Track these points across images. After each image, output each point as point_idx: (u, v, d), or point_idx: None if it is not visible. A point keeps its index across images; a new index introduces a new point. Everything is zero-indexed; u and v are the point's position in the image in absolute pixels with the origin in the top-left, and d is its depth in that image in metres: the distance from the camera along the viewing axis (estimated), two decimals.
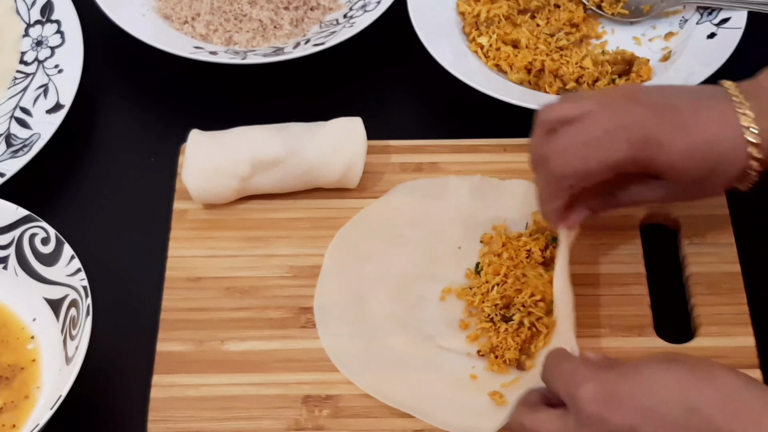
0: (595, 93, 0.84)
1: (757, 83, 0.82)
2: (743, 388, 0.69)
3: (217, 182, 0.93)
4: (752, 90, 0.82)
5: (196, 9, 1.09)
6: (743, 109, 0.81)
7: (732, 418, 0.68)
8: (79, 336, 0.82)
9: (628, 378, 0.71)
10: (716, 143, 0.81)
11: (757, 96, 0.81)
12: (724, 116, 0.81)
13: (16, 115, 1.01)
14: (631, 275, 0.90)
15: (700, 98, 0.83)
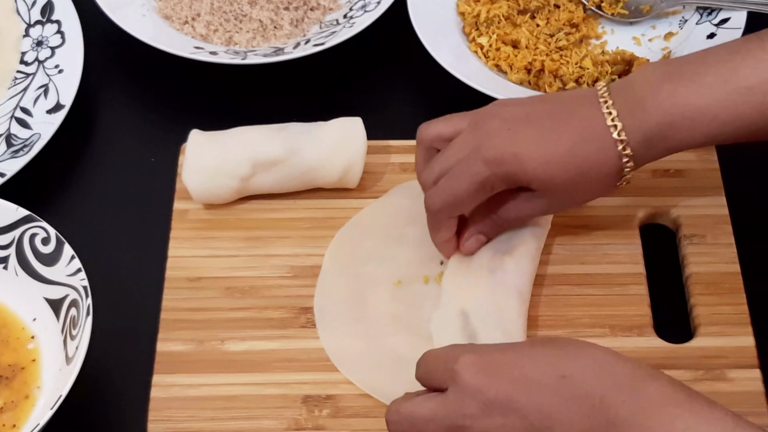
0: (471, 111, 0.86)
1: (627, 81, 0.84)
2: (615, 360, 0.71)
3: (217, 182, 0.93)
4: (621, 88, 0.83)
5: (196, 9, 1.09)
6: (608, 108, 0.82)
7: (604, 385, 0.69)
8: (79, 336, 0.82)
9: (505, 351, 0.73)
10: (578, 146, 0.82)
11: (625, 93, 0.82)
12: (589, 118, 0.82)
13: (17, 115, 1.01)
14: (630, 275, 0.90)
15: (564, 104, 0.85)
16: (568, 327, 0.87)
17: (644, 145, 0.82)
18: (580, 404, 0.69)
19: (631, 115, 0.81)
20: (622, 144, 0.81)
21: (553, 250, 0.92)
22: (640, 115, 0.81)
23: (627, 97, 0.82)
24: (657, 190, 0.94)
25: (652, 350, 0.86)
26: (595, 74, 1.03)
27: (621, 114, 0.82)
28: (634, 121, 0.81)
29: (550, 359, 0.71)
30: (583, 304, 0.89)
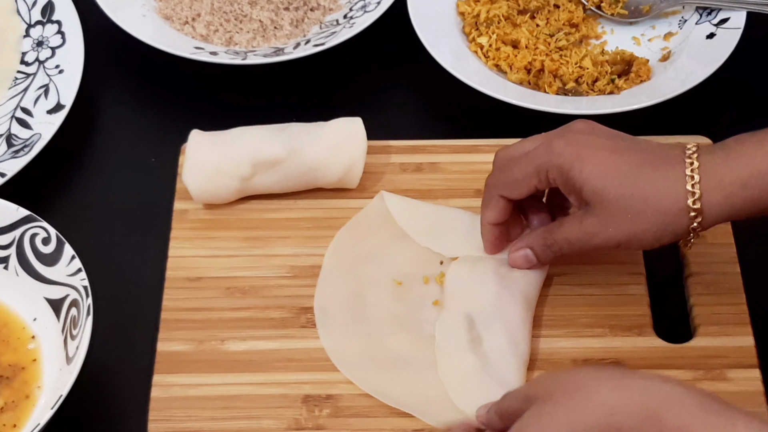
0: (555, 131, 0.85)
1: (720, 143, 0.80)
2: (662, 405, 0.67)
3: (217, 182, 0.93)
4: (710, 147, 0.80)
5: (196, 9, 1.09)
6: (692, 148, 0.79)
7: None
8: (79, 336, 0.82)
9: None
10: (648, 166, 0.79)
11: (713, 147, 0.80)
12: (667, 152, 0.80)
13: (17, 115, 1.01)
14: (630, 275, 0.90)
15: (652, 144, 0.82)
16: (568, 327, 0.87)
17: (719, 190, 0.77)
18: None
19: (710, 157, 0.78)
20: (692, 180, 0.78)
21: None
22: (721, 158, 0.78)
23: (712, 147, 0.80)
24: None
25: (651, 350, 0.86)
26: (594, 74, 1.03)
27: (701, 155, 0.78)
28: (712, 161, 0.78)
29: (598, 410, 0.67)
30: (583, 304, 0.89)
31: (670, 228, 0.79)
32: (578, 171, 0.80)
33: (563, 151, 0.81)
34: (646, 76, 1.04)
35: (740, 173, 0.77)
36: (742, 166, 0.77)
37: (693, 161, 0.78)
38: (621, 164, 0.80)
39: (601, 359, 0.85)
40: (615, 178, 0.79)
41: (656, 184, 0.78)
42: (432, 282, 0.90)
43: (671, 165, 0.79)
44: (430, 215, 0.93)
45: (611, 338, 0.87)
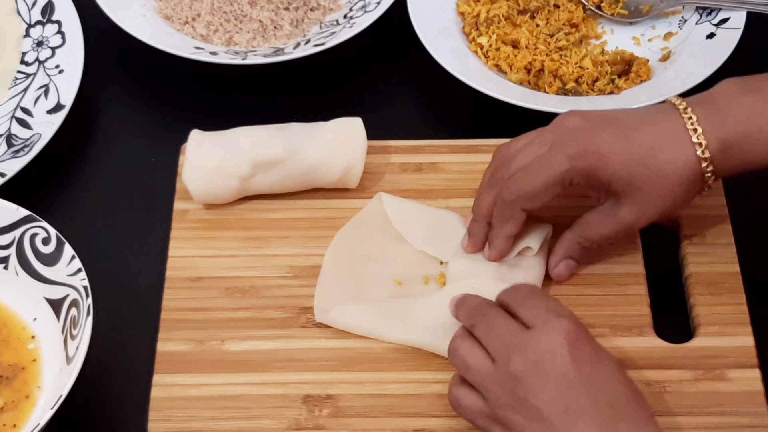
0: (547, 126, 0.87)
1: (706, 93, 0.85)
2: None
3: (217, 182, 0.93)
4: (700, 98, 0.84)
5: (196, 9, 1.09)
6: (688, 114, 0.83)
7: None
8: (79, 336, 0.82)
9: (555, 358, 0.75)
10: (659, 147, 0.82)
11: (704, 102, 0.83)
12: (669, 122, 0.83)
13: (17, 115, 1.01)
14: (630, 275, 0.90)
15: (643, 111, 0.85)
16: None
17: (722, 153, 0.82)
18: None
19: (710, 122, 0.82)
20: (701, 147, 0.82)
21: None
22: (719, 123, 0.82)
23: (706, 106, 0.83)
24: None
25: (651, 350, 0.86)
26: (594, 74, 1.03)
27: (700, 120, 0.82)
28: (713, 127, 0.82)
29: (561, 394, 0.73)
30: (583, 304, 0.88)
31: (693, 190, 0.84)
32: (603, 169, 0.83)
33: (583, 154, 0.83)
34: (646, 76, 1.04)
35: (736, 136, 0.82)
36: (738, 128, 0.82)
37: (690, 116, 0.82)
38: (639, 148, 0.82)
39: None
40: (638, 165, 0.82)
41: (675, 157, 0.82)
42: (432, 282, 0.90)
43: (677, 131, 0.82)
44: (428, 218, 0.93)
45: (611, 338, 0.87)
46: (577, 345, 0.75)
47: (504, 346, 0.76)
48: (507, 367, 0.75)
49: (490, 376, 0.76)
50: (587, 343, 0.76)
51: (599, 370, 0.75)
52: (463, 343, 0.79)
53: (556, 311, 0.77)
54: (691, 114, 0.83)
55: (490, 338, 0.77)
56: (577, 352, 0.74)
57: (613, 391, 0.74)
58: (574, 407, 0.73)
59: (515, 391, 0.74)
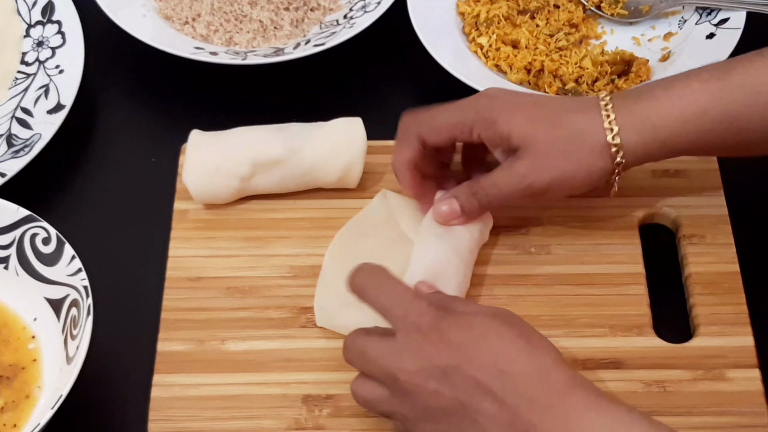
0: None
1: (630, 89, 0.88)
2: (554, 366, 0.74)
3: (217, 182, 0.93)
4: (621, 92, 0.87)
5: (196, 10, 1.09)
6: (603, 96, 0.85)
7: (537, 389, 0.72)
8: (80, 336, 0.82)
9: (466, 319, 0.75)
10: (570, 113, 0.84)
11: (623, 93, 0.86)
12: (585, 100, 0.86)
13: (17, 115, 1.01)
14: (630, 275, 0.90)
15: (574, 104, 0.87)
16: (567, 327, 0.87)
17: (633, 130, 0.83)
18: (509, 402, 0.72)
19: (623, 100, 0.84)
20: (609, 119, 0.83)
21: (553, 250, 0.92)
22: (632, 101, 0.84)
23: (623, 93, 0.85)
24: (657, 190, 0.95)
25: (651, 350, 0.86)
26: (594, 74, 1.04)
27: (613, 98, 0.84)
28: (625, 103, 0.84)
29: (499, 349, 0.74)
30: (582, 304, 0.89)
31: (598, 165, 0.84)
32: (505, 121, 0.84)
33: (490, 106, 0.86)
34: (646, 76, 1.04)
35: (650, 116, 0.83)
36: (652, 110, 0.83)
37: (607, 103, 0.84)
38: (545, 110, 0.85)
39: (601, 359, 0.85)
40: (542, 121, 0.84)
41: (579, 124, 0.83)
42: None
43: (589, 107, 0.84)
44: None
45: (611, 338, 0.87)
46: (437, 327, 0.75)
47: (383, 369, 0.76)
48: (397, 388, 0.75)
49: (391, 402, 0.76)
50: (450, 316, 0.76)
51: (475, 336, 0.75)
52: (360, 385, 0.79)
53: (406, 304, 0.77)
54: (606, 97, 0.84)
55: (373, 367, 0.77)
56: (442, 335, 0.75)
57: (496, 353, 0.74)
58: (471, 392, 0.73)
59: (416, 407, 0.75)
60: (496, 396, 0.72)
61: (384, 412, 0.78)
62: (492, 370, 0.73)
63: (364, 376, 0.79)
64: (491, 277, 0.90)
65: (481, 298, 0.89)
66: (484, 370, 0.73)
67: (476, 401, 0.73)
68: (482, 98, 0.87)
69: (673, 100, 0.83)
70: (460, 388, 0.73)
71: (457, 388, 0.73)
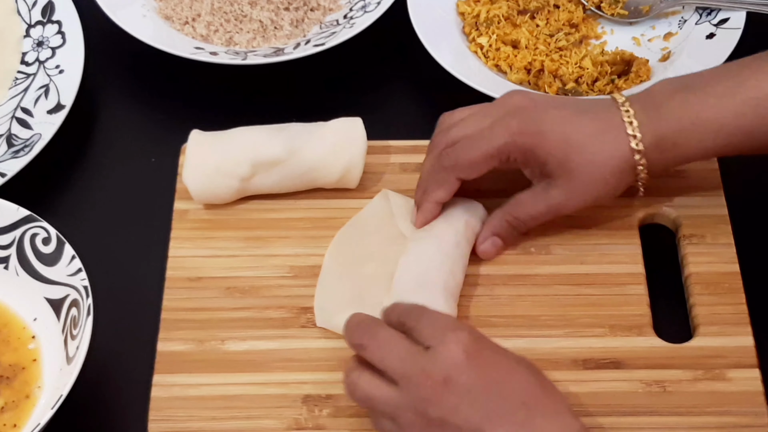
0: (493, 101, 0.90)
1: (646, 90, 0.88)
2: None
3: (217, 182, 0.93)
4: (639, 95, 0.87)
5: (196, 10, 1.09)
6: (626, 107, 0.86)
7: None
8: (80, 336, 0.82)
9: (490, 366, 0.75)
10: (597, 135, 0.85)
11: (642, 99, 0.86)
12: (608, 113, 0.86)
13: (17, 115, 1.01)
14: (630, 275, 0.90)
15: (586, 101, 0.88)
16: (568, 327, 0.87)
17: (656, 148, 0.85)
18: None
19: (646, 116, 0.85)
20: (636, 140, 0.85)
21: (553, 250, 0.92)
22: (654, 118, 0.85)
23: (643, 102, 0.86)
24: (657, 190, 0.94)
25: (651, 350, 0.86)
26: (594, 74, 1.03)
27: (637, 114, 0.85)
28: (648, 122, 0.85)
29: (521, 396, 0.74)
30: (583, 304, 0.89)
31: (624, 183, 0.87)
32: (541, 148, 0.85)
33: (524, 131, 0.85)
34: (646, 77, 1.04)
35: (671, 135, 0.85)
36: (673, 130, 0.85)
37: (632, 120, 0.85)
38: (577, 134, 0.85)
39: (601, 359, 0.85)
40: (575, 149, 0.85)
41: (609, 148, 0.85)
42: None
43: (616, 127, 0.85)
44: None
45: (611, 338, 0.87)
46: (478, 355, 0.75)
47: (406, 369, 0.75)
48: (417, 391, 0.75)
49: (400, 404, 0.76)
50: (487, 349, 0.76)
51: (504, 372, 0.75)
52: (361, 377, 0.78)
53: (451, 326, 0.77)
54: (628, 107, 0.85)
55: (388, 361, 0.77)
56: (480, 362, 0.75)
57: (522, 389, 0.75)
58: (491, 416, 0.73)
59: (429, 414, 0.74)
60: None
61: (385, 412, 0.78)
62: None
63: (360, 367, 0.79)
64: (491, 277, 0.90)
65: (481, 298, 0.89)
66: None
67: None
68: (512, 120, 0.86)
69: (692, 117, 0.84)
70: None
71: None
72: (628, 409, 0.83)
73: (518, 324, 0.87)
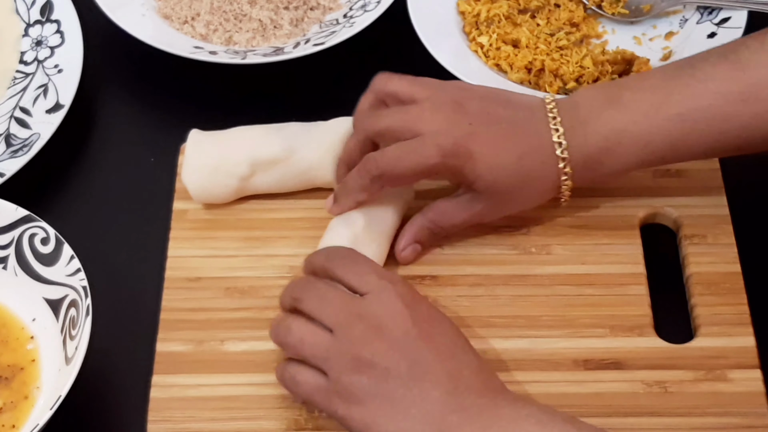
0: (434, 84, 0.89)
1: (573, 100, 0.87)
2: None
3: (216, 182, 0.93)
4: (568, 107, 0.87)
5: (196, 9, 1.09)
6: (556, 125, 0.85)
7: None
8: (78, 336, 0.82)
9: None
10: (526, 156, 0.85)
11: (571, 112, 0.86)
12: (539, 130, 0.86)
13: (16, 115, 1.01)
14: (631, 275, 0.90)
15: (519, 110, 0.87)
16: (568, 327, 0.87)
17: (583, 167, 0.86)
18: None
19: (574, 136, 0.85)
20: (564, 162, 0.85)
21: (553, 250, 0.92)
22: (582, 137, 0.85)
23: (572, 118, 0.86)
24: (657, 190, 0.94)
25: (652, 350, 0.86)
26: (595, 73, 1.03)
27: (567, 133, 0.85)
28: (576, 141, 0.85)
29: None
30: (583, 304, 0.88)
31: (548, 195, 0.88)
32: (471, 170, 0.85)
33: (455, 152, 0.85)
34: None
35: (597, 154, 0.86)
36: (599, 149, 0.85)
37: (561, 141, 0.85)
38: (507, 156, 0.85)
39: (601, 360, 0.85)
40: (504, 172, 0.85)
41: (538, 169, 0.86)
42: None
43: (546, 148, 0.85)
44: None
45: (612, 338, 0.86)
46: (414, 306, 0.77)
47: (342, 315, 0.77)
48: (349, 334, 0.76)
49: (332, 346, 0.77)
50: (423, 303, 0.79)
51: (437, 326, 0.77)
52: (294, 322, 0.79)
53: (387, 277, 0.79)
54: (558, 126, 0.85)
55: (324, 310, 0.78)
56: (415, 313, 0.77)
57: (452, 343, 0.77)
58: (420, 362, 0.75)
59: (360, 355, 0.75)
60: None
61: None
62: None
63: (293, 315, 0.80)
64: (491, 277, 0.90)
65: (481, 298, 0.89)
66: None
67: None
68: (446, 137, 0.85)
69: (619, 137, 0.85)
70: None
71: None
72: (629, 410, 0.83)
73: (518, 324, 0.87)
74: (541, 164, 0.86)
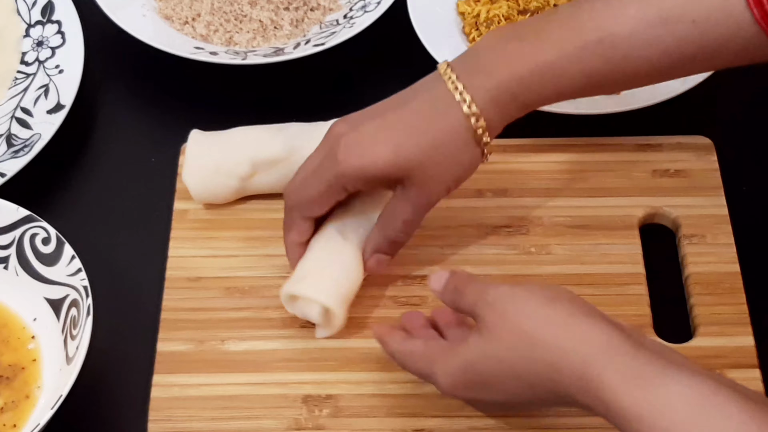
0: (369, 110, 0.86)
1: (469, 50, 0.86)
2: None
3: (217, 182, 0.93)
4: (463, 57, 0.85)
5: (196, 9, 1.09)
6: (448, 74, 0.83)
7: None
8: (79, 336, 0.82)
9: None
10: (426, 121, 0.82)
11: (466, 59, 0.84)
12: (430, 91, 0.83)
13: (17, 115, 1.01)
14: (630, 275, 0.90)
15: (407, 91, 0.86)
16: None
17: (494, 105, 0.82)
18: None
19: (473, 77, 0.82)
20: (466, 103, 0.81)
21: (553, 250, 0.92)
22: (484, 76, 0.82)
23: (469, 62, 0.83)
24: (657, 190, 0.95)
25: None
26: None
27: (461, 77, 0.82)
28: (478, 81, 0.82)
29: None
30: None
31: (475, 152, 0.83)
32: (372, 164, 0.82)
33: (348, 159, 0.82)
34: None
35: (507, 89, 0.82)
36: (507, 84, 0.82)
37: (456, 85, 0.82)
38: (404, 135, 0.82)
39: None
40: (408, 147, 0.82)
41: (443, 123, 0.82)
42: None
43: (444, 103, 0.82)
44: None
45: None
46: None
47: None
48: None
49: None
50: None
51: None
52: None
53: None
54: (451, 74, 0.82)
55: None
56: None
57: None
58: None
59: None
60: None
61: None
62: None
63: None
64: (491, 277, 0.90)
65: None
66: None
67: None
68: (333, 149, 0.83)
69: (530, 66, 0.81)
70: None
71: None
72: None
73: None
74: (444, 117, 0.82)
